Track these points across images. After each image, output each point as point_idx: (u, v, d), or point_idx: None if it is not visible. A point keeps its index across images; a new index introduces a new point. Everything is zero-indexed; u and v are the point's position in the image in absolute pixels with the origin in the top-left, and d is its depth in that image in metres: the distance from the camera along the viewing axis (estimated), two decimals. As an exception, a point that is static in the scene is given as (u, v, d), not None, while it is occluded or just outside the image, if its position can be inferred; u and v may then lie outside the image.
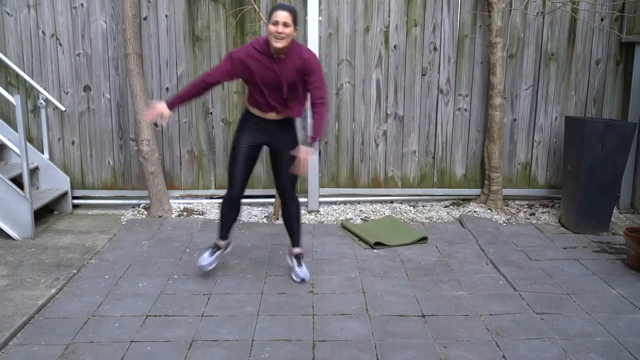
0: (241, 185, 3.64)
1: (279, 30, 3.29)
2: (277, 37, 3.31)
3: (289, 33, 3.33)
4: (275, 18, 3.30)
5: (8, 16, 5.04)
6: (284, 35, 3.31)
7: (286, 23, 3.30)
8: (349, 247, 4.41)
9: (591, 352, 2.94)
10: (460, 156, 5.41)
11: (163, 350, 2.94)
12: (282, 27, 3.29)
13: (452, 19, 5.19)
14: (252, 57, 3.43)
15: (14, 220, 4.39)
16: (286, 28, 3.31)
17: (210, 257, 3.75)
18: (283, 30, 3.30)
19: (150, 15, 5.08)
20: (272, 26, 3.31)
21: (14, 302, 3.37)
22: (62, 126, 5.25)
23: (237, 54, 3.45)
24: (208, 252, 3.77)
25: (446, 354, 2.92)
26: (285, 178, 3.66)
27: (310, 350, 2.95)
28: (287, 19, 3.31)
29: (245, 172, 3.64)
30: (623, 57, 5.25)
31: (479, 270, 3.97)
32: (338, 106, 5.29)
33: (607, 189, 4.66)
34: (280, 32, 3.30)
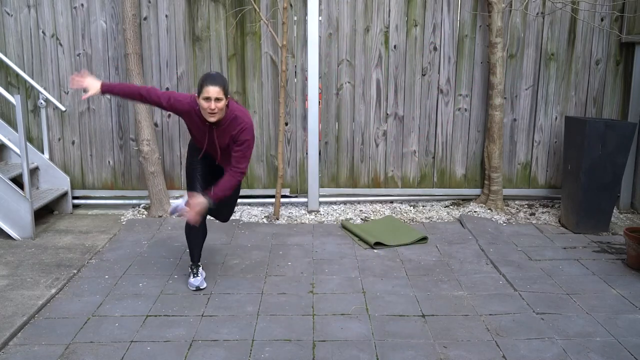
0: None
1: (212, 106, 3.26)
2: (211, 113, 3.29)
3: (221, 107, 3.29)
4: (207, 94, 3.24)
5: (8, 16, 5.05)
6: (217, 111, 3.28)
7: (218, 98, 3.25)
8: (349, 247, 4.41)
9: (591, 352, 2.94)
10: (460, 156, 5.41)
11: (163, 350, 2.94)
12: (214, 102, 3.25)
13: (452, 19, 5.19)
14: (189, 114, 3.43)
15: (14, 220, 4.39)
16: (218, 103, 3.27)
17: (197, 277, 3.64)
18: (216, 106, 3.26)
19: (150, 15, 5.09)
20: (204, 102, 3.26)
21: (14, 302, 3.37)
22: (62, 126, 5.25)
23: (176, 102, 3.43)
24: (192, 275, 3.66)
25: (446, 354, 2.92)
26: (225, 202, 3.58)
27: (310, 350, 2.95)
28: (219, 94, 3.25)
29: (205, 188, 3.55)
30: (623, 57, 5.25)
31: (479, 270, 3.98)
32: (338, 106, 5.29)
33: (607, 189, 4.66)
34: (213, 109, 3.26)
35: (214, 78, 3.28)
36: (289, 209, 5.31)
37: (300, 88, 5.25)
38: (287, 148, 5.34)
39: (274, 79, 5.22)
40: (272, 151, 5.33)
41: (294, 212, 5.24)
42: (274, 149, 5.33)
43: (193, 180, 3.59)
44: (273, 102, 5.25)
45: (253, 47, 5.17)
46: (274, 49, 5.16)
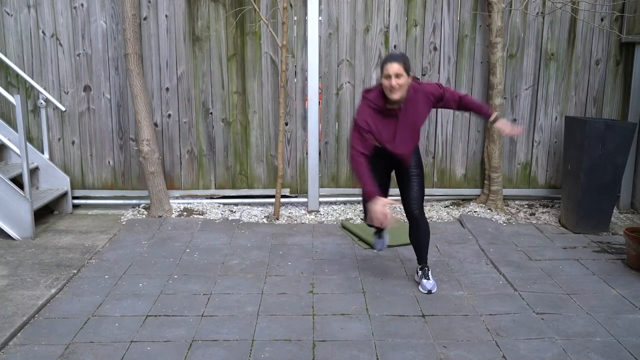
0: None
1: (392, 83, 3.26)
2: (392, 90, 3.28)
3: (402, 83, 3.28)
4: (387, 71, 3.27)
5: (8, 16, 5.05)
6: (397, 87, 3.27)
7: (398, 74, 3.26)
8: (349, 247, 4.41)
9: (591, 352, 2.94)
10: (460, 156, 5.41)
11: (163, 350, 2.94)
12: (395, 79, 3.26)
13: (452, 19, 5.19)
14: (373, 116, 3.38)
15: (14, 220, 4.39)
16: (399, 79, 3.27)
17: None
18: (396, 82, 3.26)
19: (150, 15, 5.09)
20: (386, 80, 3.29)
21: (14, 302, 3.37)
22: (62, 126, 5.25)
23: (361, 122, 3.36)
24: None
25: (446, 354, 2.92)
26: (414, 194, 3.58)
27: (310, 350, 2.95)
28: (399, 70, 3.26)
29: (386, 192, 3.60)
30: (623, 57, 5.25)
31: (479, 270, 3.97)
32: (338, 106, 5.29)
33: (607, 189, 4.66)
34: (394, 85, 3.26)
35: (394, 56, 3.33)
36: (289, 209, 5.31)
37: (300, 88, 5.25)
38: (287, 148, 5.34)
39: (274, 79, 5.22)
40: (272, 151, 5.33)
41: (294, 212, 5.24)
42: (274, 149, 5.33)
43: None
44: (273, 102, 5.25)
45: (253, 47, 5.17)
46: (274, 49, 5.16)
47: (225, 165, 5.36)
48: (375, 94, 3.41)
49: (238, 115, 5.27)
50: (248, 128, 5.30)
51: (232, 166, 5.37)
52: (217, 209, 5.24)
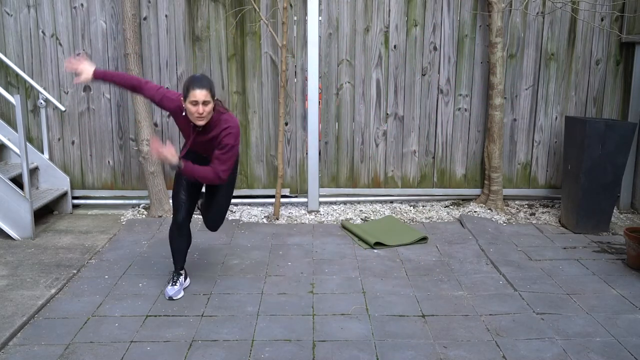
0: (187, 211, 3.53)
1: (200, 110, 3.18)
2: (198, 117, 3.21)
3: (209, 110, 3.21)
4: (194, 98, 3.16)
5: (8, 16, 5.04)
6: (205, 114, 3.20)
7: (205, 102, 3.17)
8: (349, 247, 4.41)
9: (591, 352, 2.93)
10: (460, 156, 5.41)
11: (163, 350, 2.94)
12: (202, 106, 3.17)
13: (452, 19, 5.19)
14: (176, 114, 3.38)
15: (14, 220, 4.39)
16: (206, 106, 3.19)
17: (174, 285, 3.53)
18: (204, 110, 3.18)
19: (150, 15, 5.08)
20: (192, 106, 3.18)
21: (14, 302, 3.37)
22: (62, 126, 5.25)
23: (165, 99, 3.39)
24: (170, 283, 3.56)
25: (446, 354, 2.92)
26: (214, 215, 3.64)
27: (310, 350, 2.95)
28: (207, 97, 3.17)
29: (190, 197, 3.53)
30: (623, 57, 5.25)
31: (479, 270, 3.97)
32: (338, 106, 5.29)
33: (607, 189, 4.66)
34: (201, 113, 3.18)
35: (200, 81, 3.20)
36: (289, 209, 5.31)
37: (300, 88, 5.24)
38: (287, 148, 5.34)
39: (274, 79, 5.22)
40: (272, 151, 5.33)
41: (294, 212, 5.24)
42: (274, 149, 5.33)
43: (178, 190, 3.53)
44: (273, 102, 5.25)
45: (253, 47, 5.17)
46: (274, 49, 5.15)
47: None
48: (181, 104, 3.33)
49: (238, 115, 5.27)
50: (248, 128, 5.30)
51: (232, 166, 5.37)
52: (217, 209, 5.24)
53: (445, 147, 5.39)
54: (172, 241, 3.61)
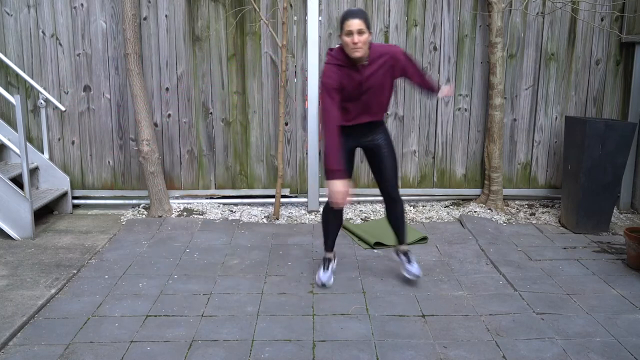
0: None
1: (355, 40, 3.16)
2: (354, 48, 3.18)
3: (365, 40, 3.19)
4: (348, 28, 3.16)
5: (8, 16, 5.05)
6: (360, 45, 3.18)
7: (360, 30, 3.16)
8: (349, 247, 4.41)
9: (591, 352, 2.94)
10: (460, 156, 5.41)
11: (163, 350, 2.94)
12: (357, 35, 3.16)
13: (452, 19, 5.19)
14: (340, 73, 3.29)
15: (14, 220, 4.39)
16: (361, 36, 3.17)
17: (327, 271, 3.67)
18: (359, 39, 3.16)
19: (150, 15, 5.09)
20: (346, 37, 3.18)
21: (14, 302, 3.37)
22: (62, 126, 5.25)
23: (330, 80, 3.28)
24: (322, 269, 3.69)
25: (446, 354, 2.92)
26: (389, 172, 3.59)
27: (310, 350, 2.95)
28: (361, 26, 3.16)
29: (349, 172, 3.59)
30: (623, 57, 5.25)
31: (479, 270, 3.97)
32: (338, 106, 5.29)
33: (607, 189, 4.66)
34: (356, 42, 3.16)
35: (354, 12, 3.20)
36: (289, 209, 5.31)
37: (300, 88, 5.25)
38: (287, 148, 5.34)
39: (274, 79, 5.22)
40: (272, 151, 5.33)
41: (294, 212, 5.24)
42: (274, 149, 5.33)
43: None
44: (273, 102, 5.25)
45: (253, 47, 5.17)
46: (274, 49, 5.15)
47: (225, 165, 5.36)
48: (337, 51, 3.33)
49: (238, 115, 5.27)
50: (248, 128, 5.30)
51: (232, 166, 5.37)
52: (217, 209, 5.24)
53: (445, 147, 5.39)
54: (327, 224, 3.68)
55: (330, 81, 3.29)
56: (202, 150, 5.33)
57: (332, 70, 3.31)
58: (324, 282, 3.64)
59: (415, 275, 3.67)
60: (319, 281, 3.65)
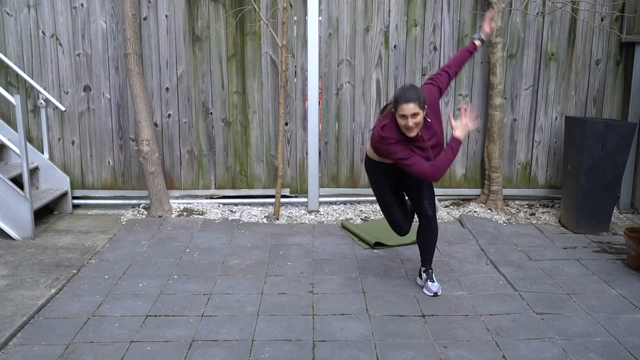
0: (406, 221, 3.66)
1: (409, 124, 3.17)
2: (409, 129, 3.20)
3: (419, 121, 3.19)
4: (402, 112, 3.16)
5: (8, 16, 5.04)
6: (413, 127, 3.19)
7: (415, 114, 3.16)
8: (349, 247, 4.41)
9: (591, 352, 2.93)
10: (460, 156, 5.41)
11: (163, 350, 2.94)
12: (411, 119, 3.16)
13: (452, 19, 5.19)
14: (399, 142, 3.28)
15: (14, 220, 4.39)
16: (415, 118, 3.17)
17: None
18: (413, 122, 3.17)
19: (150, 15, 5.08)
20: (401, 120, 3.19)
21: (14, 302, 3.37)
22: (62, 126, 5.25)
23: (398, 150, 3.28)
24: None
25: (446, 354, 2.92)
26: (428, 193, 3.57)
27: (310, 350, 2.95)
28: (415, 109, 3.15)
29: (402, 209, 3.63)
30: (623, 57, 5.25)
31: (479, 270, 3.97)
32: (338, 106, 5.29)
33: (607, 189, 4.66)
34: (411, 126, 3.18)
35: (408, 95, 3.16)
36: (289, 209, 5.30)
37: (300, 88, 5.24)
38: (287, 148, 5.34)
39: (274, 79, 5.22)
40: (272, 151, 5.33)
41: (294, 212, 5.24)
42: (274, 149, 5.33)
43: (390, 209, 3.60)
44: (273, 102, 5.25)
45: (253, 47, 5.17)
46: (274, 49, 5.15)
47: (225, 165, 5.36)
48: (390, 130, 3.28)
49: (238, 115, 5.27)
50: (248, 128, 5.30)
51: (232, 166, 5.37)
52: (217, 209, 5.24)
53: (445, 147, 5.39)
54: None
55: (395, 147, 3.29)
56: (202, 150, 5.33)
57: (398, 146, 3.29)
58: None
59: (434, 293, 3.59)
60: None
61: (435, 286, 3.60)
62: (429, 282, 3.62)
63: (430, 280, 3.63)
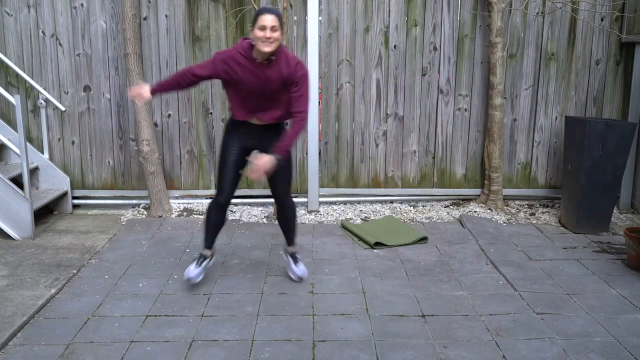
0: (230, 190, 3.53)
1: (267, 35, 3.18)
2: (265, 42, 3.20)
3: (277, 37, 3.22)
4: (262, 22, 3.18)
5: (8, 16, 5.04)
6: (272, 40, 3.20)
7: (274, 27, 3.19)
8: (349, 247, 4.41)
9: (591, 352, 2.94)
10: (460, 156, 5.41)
11: (163, 350, 2.94)
12: (270, 31, 3.18)
13: (452, 19, 5.19)
14: (237, 61, 3.32)
15: (14, 220, 4.39)
16: (274, 32, 3.19)
17: (197, 268, 3.59)
18: (271, 35, 3.19)
19: (150, 15, 5.08)
20: (259, 31, 3.19)
21: (14, 302, 3.37)
22: (62, 126, 5.25)
23: (222, 56, 3.36)
24: (194, 264, 3.61)
25: (446, 354, 2.92)
26: (280, 181, 3.60)
27: (310, 350, 2.95)
28: (275, 22, 3.19)
29: (235, 177, 3.54)
30: (623, 57, 5.25)
31: (479, 270, 3.97)
32: (338, 106, 5.29)
33: (607, 189, 4.66)
34: (269, 37, 3.19)
35: (270, 9, 3.24)
36: (289, 209, 5.30)
37: (300, 88, 5.24)
38: (287, 148, 5.33)
39: (274, 79, 5.21)
40: (272, 151, 5.33)
41: (294, 212, 5.24)
42: (274, 149, 5.32)
43: (224, 168, 3.50)
44: (273, 102, 5.25)
45: (253, 47, 5.17)
46: (274, 49, 5.15)
47: (225, 165, 5.36)
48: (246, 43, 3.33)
49: (238, 115, 5.26)
50: (248, 128, 5.30)
51: (232, 166, 5.37)
52: (217, 209, 5.24)
53: (445, 147, 5.39)
54: (209, 219, 3.61)
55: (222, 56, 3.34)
56: (202, 150, 5.33)
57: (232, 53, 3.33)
58: (190, 277, 3.54)
59: (298, 277, 3.67)
60: (186, 276, 3.55)
61: (300, 270, 3.64)
62: (294, 265, 3.68)
63: (295, 263, 3.67)
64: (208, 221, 3.64)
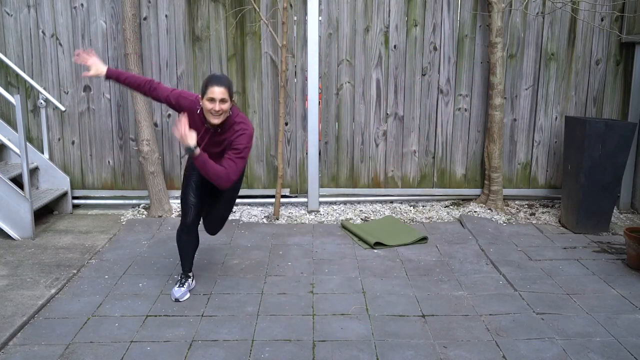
0: (195, 212, 3.49)
1: (216, 108, 3.16)
2: (214, 114, 3.19)
3: (226, 109, 3.19)
4: (211, 95, 3.15)
5: (8, 16, 5.04)
6: (221, 112, 3.18)
7: (223, 100, 3.16)
8: (349, 247, 4.41)
9: (591, 352, 2.93)
10: (460, 156, 5.41)
11: (163, 350, 2.94)
12: (219, 104, 3.16)
13: (452, 19, 5.19)
14: (192, 113, 3.30)
15: (14, 220, 4.39)
16: (223, 104, 3.17)
17: (181, 288, 3.52)
18: (220, 108, 3.16)
19: (150, 15, 5.08)
20: (208, 103, 3.17)
21: (14, 302, 3.37)
22: (62, 126, 5.25)
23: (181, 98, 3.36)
24: (178, 284, 3.54)
25: (446, 354, 2.92)
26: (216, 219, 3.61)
27: (310, 350, 2.95)
28: (224, 95, 3.15)
29: (200, 199, 3.51)
30: (623, 57, 5.25)
31: (479, 270, 3.97)
32: (338, 106, 5.29)
33: (607, 189, 4.66)
34: (218, 110, 3.17)
35: (219, 79, 3.20)
36: (289, 209, 5.30)
37: (300, 88, 5.24)
38: (287, 148, 5.34)
39: (274, 79, 5.22)
40: (272, 151, 5.33)
41: (294, 212, 5.24)
42: (274, 149, 5.33)
43: (187, 191, 3.49)
44: (273, 102, 5.25)
45: (253, 47, 5.17)
46: (274, 49, 5.15)
47: (225, 165, 5.36)
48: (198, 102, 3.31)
49: (238, 115, 5.26)
50: (248, 128, 5.30)
51: (232, 166, 5.36)
52: (217, 209, 5.24)
53: (445, 147, 5.39)
54: (180, 243, 3.59)
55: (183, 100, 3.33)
56: (202, 150, 5.32)
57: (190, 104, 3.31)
58: (177, 297, 3.47)
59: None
60: (172, 297, 3.48)
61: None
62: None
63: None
64: (179, 247, 3.60)
